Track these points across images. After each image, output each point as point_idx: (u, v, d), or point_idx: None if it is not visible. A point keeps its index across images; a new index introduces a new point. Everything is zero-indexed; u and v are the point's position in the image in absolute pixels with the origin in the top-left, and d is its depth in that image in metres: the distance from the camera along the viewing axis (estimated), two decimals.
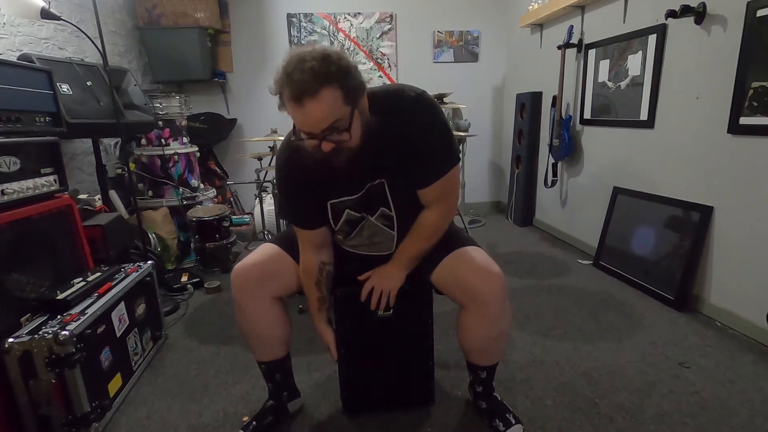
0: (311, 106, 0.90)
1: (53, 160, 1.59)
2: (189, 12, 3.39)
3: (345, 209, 1.20)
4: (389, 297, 1.26)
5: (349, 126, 0.95)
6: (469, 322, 1.24)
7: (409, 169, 1.13)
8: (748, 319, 1.85)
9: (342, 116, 0.94)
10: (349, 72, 0.93)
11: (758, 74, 1.74)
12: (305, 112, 0.92)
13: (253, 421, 1.36)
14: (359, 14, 3.88)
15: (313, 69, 0.88)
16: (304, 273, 1.27)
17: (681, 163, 2.19)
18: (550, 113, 3.21)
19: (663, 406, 1.43)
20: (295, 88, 0.89)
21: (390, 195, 1.18)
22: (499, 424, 1.33)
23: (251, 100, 3.92)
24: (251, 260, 1.26)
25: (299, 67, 0.88)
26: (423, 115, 1.09)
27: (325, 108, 0.91)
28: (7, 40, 2.10)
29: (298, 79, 0.88)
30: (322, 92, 0.89)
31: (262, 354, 1.35)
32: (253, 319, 1.28)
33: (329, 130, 0.94)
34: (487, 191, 4.51)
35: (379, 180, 1.16)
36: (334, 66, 0.90)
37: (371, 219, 1.22)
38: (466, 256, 1.22)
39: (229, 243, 2.88)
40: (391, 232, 1.25)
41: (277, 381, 1.39)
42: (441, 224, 1.22)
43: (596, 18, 2.79)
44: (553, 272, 2.68)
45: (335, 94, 0.91)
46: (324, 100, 0.90)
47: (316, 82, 0.88)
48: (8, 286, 1.34)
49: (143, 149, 2.85)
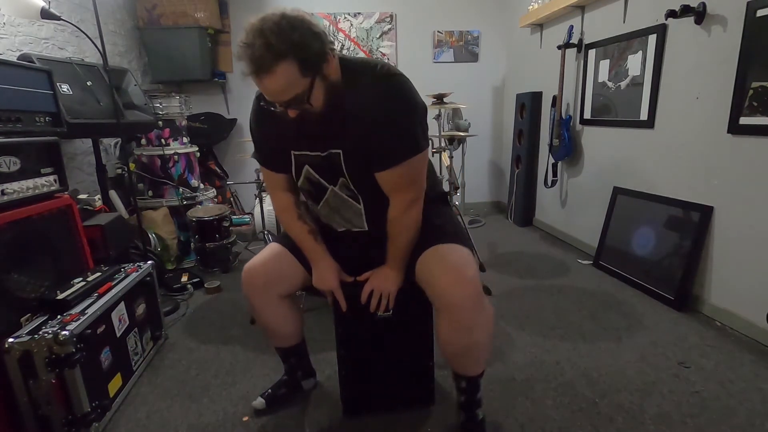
0: (268, 81, 0.92)
1: (53, 160, 1.59)
2: (189, 12, 3.38)
3: (305, 164, 1.19)
4: (389, 299, 1.25)
5: (308, 96, 0.97)
6: (440, 325, 1.16)
7: (366, 146, 1.08)
8: (748, 319, 1.85)
9: (302, 88, 0.95)
10: (305, 44, 0.91)
11: (758, 74, 1.74)
12: (264, 86, 0.95)
13: (269, 390, 1.51)
14: (359, 14, 3.88)
15: (268, 44, 0.88)
16: (281, 213, 1.30)
17: (681, 163, 2.18)
18: (550, 113, 3.21)
19: (663, 406, 1.43)
20: (251, 63, 0.90)
21: (345, 167, 1.13)
22: None
23: (251, 100, 3.89)
24: (258, 262, 1.30)
25: (255, 42, 0.88)
26: (390, 95, 1.05)
27: (282, 83, 0.92)
28: (7, 40, 2.10)
29: (254, 54, 0.89)
30: (277, 68, 0.90)
31: (276, 342, 1.47)
32: (264, 316, 1.36)
33: (290, 102, 0.97)
34: (487, 191, 4.51)
35: (336, 150, 1.12)
36: (289, 39, 0.89)
37: (335, 188, 1.20)
38: (442, 256, 1.15)
39: (229, 243, 2.88)
40: (358, 206, 1.21)
41: (291, 363, 1.52)
42: (409, 217, 1.16)
43: (596, 18, 2.79)
44: (553, 272, 2.68)
45: (291, 68, 0.91)
46: (280, 74, 0.91)
47: (271, 57, 0.88)
48: (8, 286, 1.34)
49: (143, 149, 2.85)
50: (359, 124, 1.06)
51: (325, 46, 0.95)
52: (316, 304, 2.18)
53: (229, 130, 3.88)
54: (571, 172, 3.19)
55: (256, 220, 3.20)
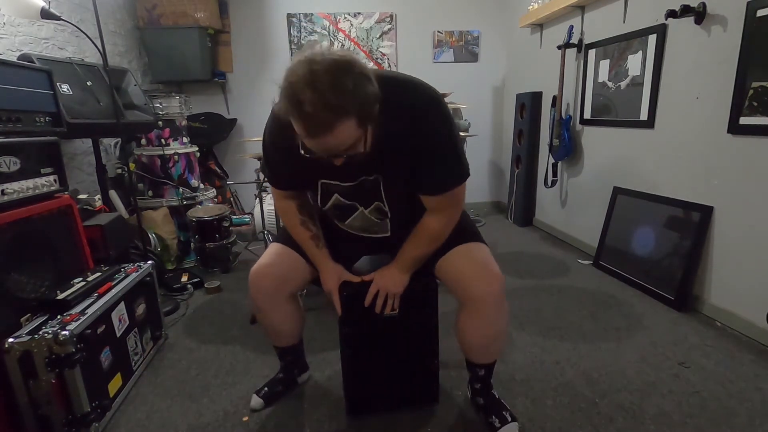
0: (326, 140, 0.84)
1: (53, 160, 1.59)
2: (189, 12, 3.38)
3: (334, 193, 1.18)
4: (394, 300, 1.26)
5: (363, 144, 0.91)
6: (467, 320, 1.25)
7: (408, 172, 1.08)
8: (748, 319, 1.85)
9: (357, 140, 0.88)
10: (363, 94, 0.82)
11: (758, 74, 1.74)
12: (318, 144, 0.86)
13: (266, 387, 1.52)
14: (359, 14, 3.88)
15: (326, 102, 0.78)
16: (284, 216, 1.29)
17: (681, 163, 2.18)
18: (550, 113, 3.21)
19: (663, 406, 1.43)
20: (307, 124, 0.82)
21: (384, 192, 1.15)
22: (495, 421, 1.33)
23: (251, 100, 3.92)
24: (265, 264, 1.30)
25: (309, 98, 0.78)
26: (433, 123, 1.02)
27: (342, 139, 0.85)
28: (7, 40, 2.10)
29: (309, 112, 0.79)
30: (337, 128, 0.82)
31: (276, 341, 1.48)
32: (270, 317, 1.38)
33: (342, 152, 0.90)
34: (487, 191, 4.51)
35: (375, 175, 1.11)
36: (349, 94, 0.80)
37: (365, 212, 1.21)
38: (469, 253, 1.23)
39: (229, 243, 2.88)
40: (385, 221, 1.25)
41: (289, 361, 1.55)
42: (442, 232, 1.19)
43: (596, 18, 2.79)
44: (553, 272, 2.68)
45: (351, 124, 0.83)
46: (338, 133, 0.83)
47: (330, 118, 0.80)
48: (8, 286, 1.34)
49: (143, 149, 2.85)
50: (400, 151, 1.03)
51: (376, 87, 0.86)
52: (316, 303, 2.19)
53: (229, 130, 3.88)
54: (571, 172, 3.18)
55: (256, 220, 3.20)
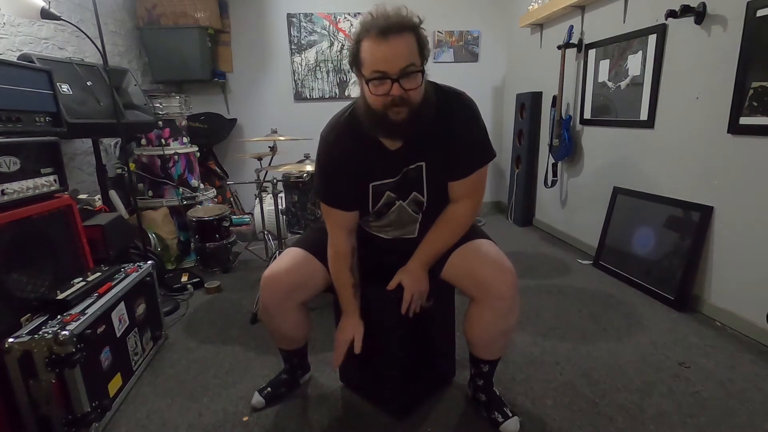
0: (396, 41, 1.00)
1: (53, 160, 1.59)
2: (189, 12, 3.38)
3: (386, 191, 1.26)
4: (422, 297, 1.29)
5: (420, 72, 1.04)
6: (480, 315, 1.25)
7: (446, 157, 1.20)
8: (748, 319, 1.85)
9: (416, 63, 1.03)
10: (420, 27, 1.06)
11: (758, 74, 1.74)
12: (389, 45, 1.00)
13: (269, 388, 1.53)
14: (359, 14, 3.88)
15: (400, 15, 1.02)
16: (336, 258, 1.28)
17: (681, 163, 2.18)
18: (550, 113, 3.21)
19: (663, 406, 1.43)
20: (383, 25, 1.00)
21: (426, 179, 1.23)
22: (498, 416, 1.35)
23: (251, 100, 3.92)
24: (281, 270, 1.30)
25: (385, 15, 1.01)
26: (467, 115, 1.20)
27: (407, 45, 1.02)
28: (7, 40, 2.10)
29: (385, 20, 1.00)
30: (405, 33, 1.01)
31: (282, 345, 1.50)
32: (278, 323, 1.38)
33: (405, 70, 1.01)
34: (487, 191, 4.45)
35: (418, 163, 1.21)
36: (414, 20, 1.04)
37: (403, 204, 1.28)
38: (480, 249, 1.26)
39: (229, 243, 2.88)
40: (417, 216, 1.30)
41: (293, 363, 1.55)
42: (469, 218, 1.28)
43: (596, 18, 2.79)
44: (553, 272, 2.68)
45: (413, 40, 1.03)
46: (407, 39, 1.02)
47: (401, 24, 1.01)
48: (8, 286, 1.34)
49: (143, 149, 2.85)
50: (441, 138, 1.17)
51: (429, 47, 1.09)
52: (317, 303, 2.18)
53: (229, 130, 3.88)
54: (571, 172, 3.18)
55: (256, 220, 3.20)
